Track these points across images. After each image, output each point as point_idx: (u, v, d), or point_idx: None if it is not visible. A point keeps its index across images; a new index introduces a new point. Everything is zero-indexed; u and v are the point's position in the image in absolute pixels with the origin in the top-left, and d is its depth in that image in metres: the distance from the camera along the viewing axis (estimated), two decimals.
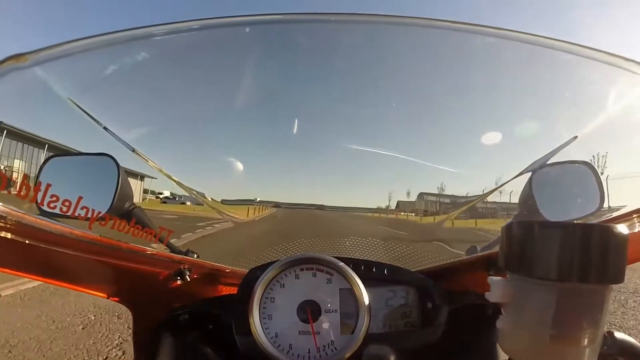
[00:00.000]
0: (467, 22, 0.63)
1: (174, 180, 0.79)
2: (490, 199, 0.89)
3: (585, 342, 0.33)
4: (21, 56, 0.54)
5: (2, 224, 0.47)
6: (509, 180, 0.84)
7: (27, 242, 0.50)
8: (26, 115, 0.73)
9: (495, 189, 0.87)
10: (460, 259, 0.77)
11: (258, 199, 1.19)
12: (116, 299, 0.66)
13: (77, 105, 0.67)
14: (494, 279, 0.38)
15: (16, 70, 0.53)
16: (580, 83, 0.77)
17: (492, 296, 0.38)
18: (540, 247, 0.32)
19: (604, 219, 0.64)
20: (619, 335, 0.42)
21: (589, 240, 0.30)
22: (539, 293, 0.33)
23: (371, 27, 0.74)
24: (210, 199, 0.91)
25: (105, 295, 0.64)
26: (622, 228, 0.31)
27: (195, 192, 0.85)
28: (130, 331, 0.70)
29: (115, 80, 0.74)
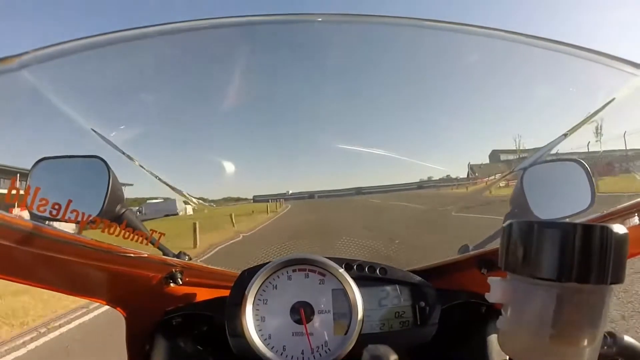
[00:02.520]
0: (458, 22, 0.63)
1: (165, 183, 0.79)
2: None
3: (585, 342, 0.33)
4: (9, 59, 0.53)
5: None
6: (499, 179, 0.84)
7: (15, 246, 0.49)
8: (15, 119, 0.73)
9: (487, 187, 0.88)
10: (453, 257, 0.77)
11: (290, 192, 1.18)
12: (108, 302, 0.65)
13: (67, 108, 0.66)
14: (493, 280, 0.38)
15: (4, 73, 0.53)
16: (569, 81, 0.77)
17: (492, 297, 0.38)
18: (540, 247, 0.32)
19: (597, 216, 0.64)
20: (619, 335, 0.42)
21: (589, 240, 0.30)
22: (538, 293, 0.33)
23: (363, 28, 0.74)
24: (201, 201, 0.91)
25: (96, 300, 0.64)
26: (621, 228, 0.31)
27: (186, 194, 0.85)
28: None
29: (105, 83, 0.74)
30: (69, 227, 0.59)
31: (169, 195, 0.86)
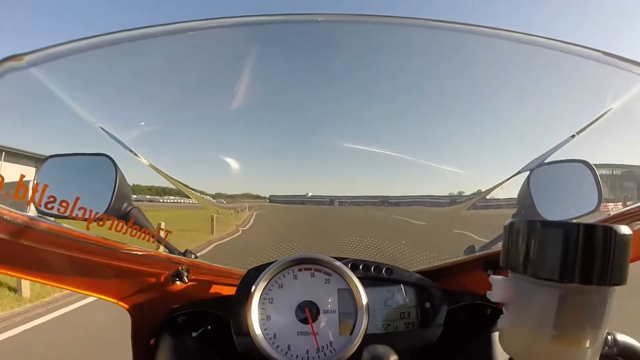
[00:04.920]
0: (465, 22, 0.63)
1: (171, 180, 0.79)
2: (487, 198, 0.89)
3: (587, 342, 0.32)
4: (18, 57, 0.53)
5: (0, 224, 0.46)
6: (506, 180, 0.84)
7: (24, 243, 0.49)
8: (24, 117, 0.73)
9: (493, 188, 0.87)
10: (458, 258, 0.77)
11: (310, 194, 1.16)
12: (114, 300, 0.66)
13: (75, 106, 0.67)
14: (495, 279, 0.38)
15: (13, 71, 0.53)
16: (578, 82, 0.77)
17: (494, 296, 0.37)
18: (542, 246, 0.32)
19: (602, 218, 0.64)
20: (620, 336, 0.42)
21: (591, 240, 0.30)
22: (540, 293, 0.33)
23: (370, 27, 0.74)
24: (209, 199, 0.91)
25: (102, 297, 0.64)
26: (624, 229, 0.31)
27: (193, 191, 0.85)
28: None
29: (113, 81, 0.74)
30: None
31: (176, 193, 0.86)
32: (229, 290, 0.75)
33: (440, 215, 1.05)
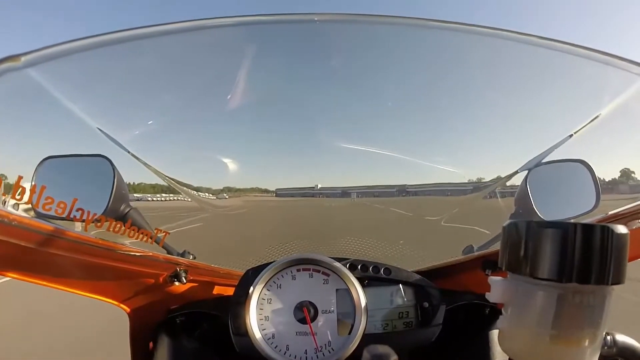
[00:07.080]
0: (463, 22, 0.63)
1: (169, 180, 0.79)
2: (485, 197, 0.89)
3: (586, 342, 0.33)
4: (15, 57, 0.53)
5: None
6: (504, 179, 0.84)
7: (21, 244, 0.49)
8: (21, 117, 0.73)
9: (490, 188, 0.87)
10: (457, 258, 0.77)
11: (319, 186, 1.16)
12: (113, 301, 0.66)
13: (72, 107, 0.67)
14: (494, 279, 0.38)
15: (10, 71, 0.53)
16: (576, 82, 0.77)
17: (493, 296, 0.38)
18: (540, 247, 0.32)
19: (601, 217, 0.64)
20: (619, 336, 0.42)
21: (590, 240, 0.30)
22: (539, 293, 0.33)
23: (370, 27, 0.74)
24: (205, 197, 0.91)
25: (100, 298, 0.64)
26: (622, 228, 0.31)
27: (190, 190, 0.85)
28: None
29: (110, 81, 0.74)
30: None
31: (175, 192, 0.85)
32: (228, 291, 0.75)
33: (441, 209, 1.05)
